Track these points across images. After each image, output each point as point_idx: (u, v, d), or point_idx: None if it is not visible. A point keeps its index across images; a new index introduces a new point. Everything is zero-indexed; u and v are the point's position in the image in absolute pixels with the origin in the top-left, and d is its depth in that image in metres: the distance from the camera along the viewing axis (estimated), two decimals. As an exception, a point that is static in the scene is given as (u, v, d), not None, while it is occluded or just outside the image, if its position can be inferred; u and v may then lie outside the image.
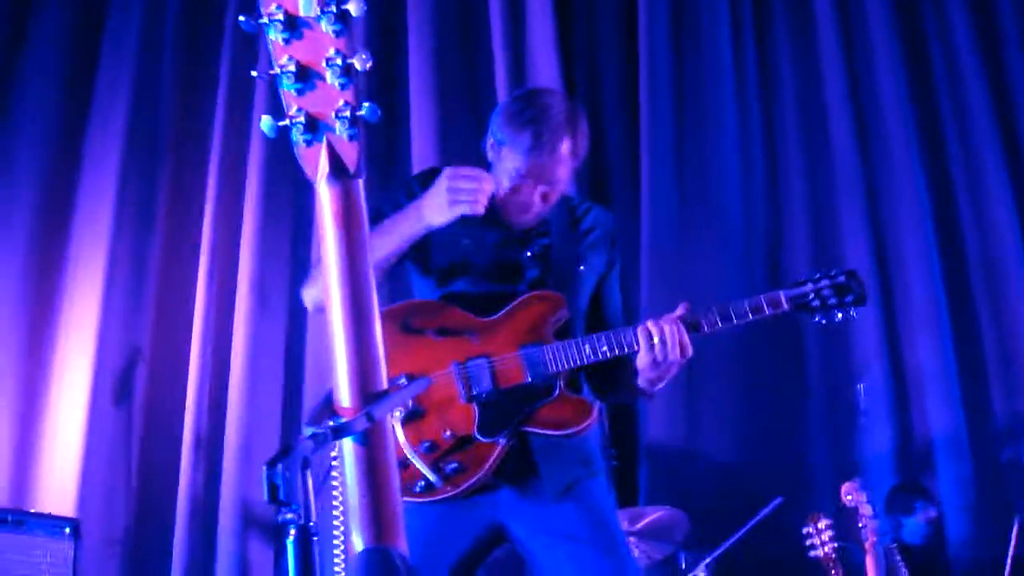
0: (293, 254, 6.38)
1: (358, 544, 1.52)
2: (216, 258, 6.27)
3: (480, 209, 2.71)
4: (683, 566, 5.25)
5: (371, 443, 1.54)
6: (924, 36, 7.13)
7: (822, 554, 4.81)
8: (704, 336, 2.87)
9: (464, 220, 2.88)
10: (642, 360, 2.75)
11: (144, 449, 6.05)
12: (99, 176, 6.34)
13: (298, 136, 1.53)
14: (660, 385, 2.87)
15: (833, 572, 4.77)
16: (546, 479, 2.85)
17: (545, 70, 6.47)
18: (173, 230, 6.40)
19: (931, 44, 7.12)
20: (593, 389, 3.10)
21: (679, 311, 2.80)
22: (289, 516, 1.33)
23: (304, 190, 6.46)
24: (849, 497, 4.86)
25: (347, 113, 1.50)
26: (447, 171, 2.76)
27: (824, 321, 2.86)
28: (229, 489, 5.83)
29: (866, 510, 4.81)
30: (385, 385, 1.59)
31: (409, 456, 2.71)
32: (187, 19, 6.77)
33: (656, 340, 2.73)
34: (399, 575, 1.45)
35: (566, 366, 2.77)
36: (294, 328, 6.27)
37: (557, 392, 2.79)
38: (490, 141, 2.95)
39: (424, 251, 2.95)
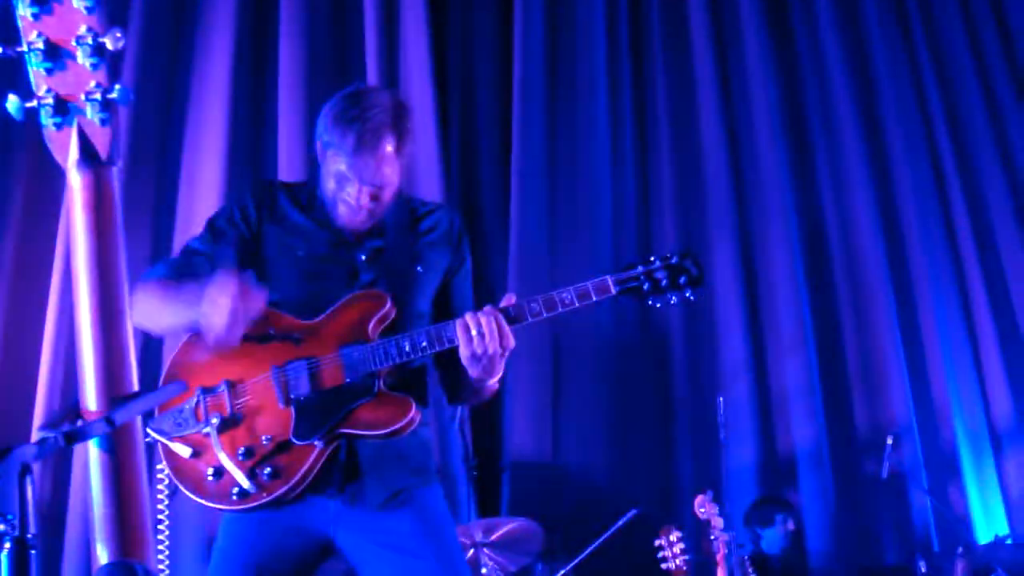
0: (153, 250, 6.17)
1: (102, 557, 1.42)
2: (70, 262, 6.03)
3: (232, 338, 2.58)
4: (540, 578, 5.20)
5: (117, 450, 1.45)
6: (796, 53, 7.25)
7: (673, 567, 4.80)
8: (533, 326, 2.76)
9: (295, 228, 2.85)
10: (463, 354, 2.66)
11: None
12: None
13: (47, 119, 1.42)
14: (491, 381, 2.77)
15: (683, 584, 4.76)
16: (370, 487, 2.76)
17: (417, 66, 6.41)
18: (28, 230, 6.15)
19: (802, 57, 7.24)
20: (444, 391, 3.02)
21: (502, 302, 2.72)
22: (1, 527, 1.22)
23: (164, 194, 6.29)
24: (702, 510, 4.86)
25: (98, 96, 1.40)
26: (210, 288, 2.58)
27: (659, 305, 2.74)
28: (77, 499, 5.63)
29: (717, 522, 4.81)
30: (136, 387, 1.50)
31: (224, 463, 2.60)
32: None
33: (474, 332, 2.64)
34: None
35: (385, 364, 2.67)
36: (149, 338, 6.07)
37: (376, 391, 2.68)
38: (318, 144, 2.86)
39: (259, 265, 2.86)
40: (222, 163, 6.13)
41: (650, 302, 2.74)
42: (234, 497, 2.62)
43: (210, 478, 2.63)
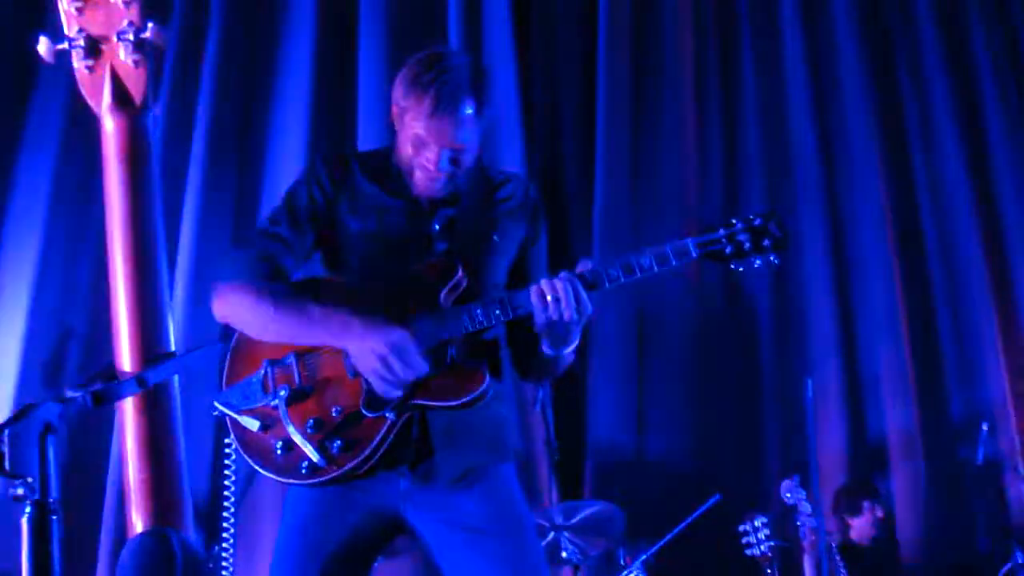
0: (235, 233, 6.20)
1: (136, 526, 1.34)
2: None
3: (394, 394, 2.57)
4: (622, 562, 5.09)
5: (151, 413, 1.37)
6: (890, 39, 7.01)
7: (758, 553, 4.66)
8: (606, 293, 2.64)
9: (369, 199, 2.78)
10: (537, 321, 2.57)
11: (72, 432, 5.85)
12: (36, 153, 6.14)
13: (78, 61, 1.35)
14: (567, 350, 2.69)
15: (768, 571, 4.62)
16: (442, 463, 2.67)
17: (499, 34, 6.35)
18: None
19: (896, 40, 7.00)
20: (514, 367, 2.93)
21: (578, 268, 2.61)
22: (20, 491, 1.13)
23: (248, 163, 6.30)
24: (788, 495, 4.71)
25: (131, 35, 1.32)
26: (396, 340, 2.54)
27: (741, 268, 2.62)
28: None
29: (805, 508, 4.65)
30: (173, 347, 1.42)
31: (292, 435, 2.55)
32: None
33: (549, 298, 2.54)
34: (177, 563, 1.27)
35: (458, 332, 2.60)
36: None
37: (448, 361, 2.60)
38: (393, 109, 2.79)
39: (332, 241, 2.82)
40: (304, 138, 6.15)
41: (732, 266, 2.62)
42: (303, 471, 2.57)
43: (278, 451, 2.59)
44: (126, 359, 1.43)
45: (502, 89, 6.16)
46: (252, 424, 2.59)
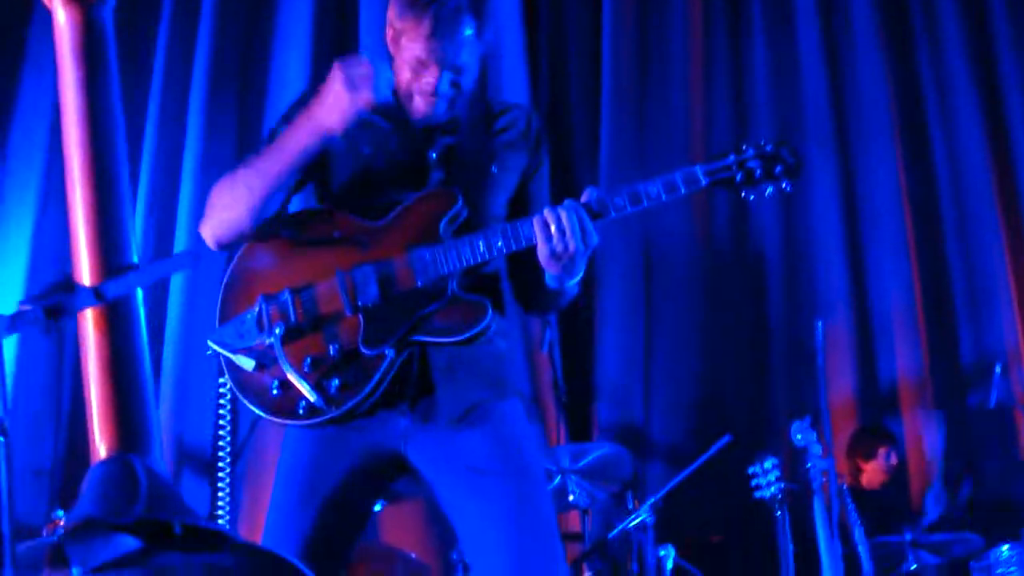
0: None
1: (100, 451, 1.27)
2: (156, 185, 6.02)
3: (378, 96, 2.47)
4: (630, 506, 5.05)
5: (113, 331, 1.30)
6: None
7: (767, 495, 4.61)
8: (617, 222, 2.57)
9: (364, 125, 2.63)
10: (541, 252, 2.48)
11: (76, 378, 5.82)
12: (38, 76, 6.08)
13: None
14: (571, 281, 2.59)
15: (778, 514, 4.57)
16: (443, 401, 2.59)
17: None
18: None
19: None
20: (516, 298, 2.83)
21: (583, 197, 2.51)
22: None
23: (248, 129, 6.23)
24: (799, 436, 4.63)
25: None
26: (337, 65, 2.50)
27: (752, 197, 2.54)
28: (164, 422, 5.62)
29: (815, 450, 4.59)
30: (136, 260, 1.34)
31: (289, 375, 2.46)
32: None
33: (554, 228, 2.45)
34: (141, 490, 1.21)
35: (458, 265, 2.51)
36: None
37: (449, 295, 2.52)
38: (389, 33, 2.68)
39: (323, 169, 2.71)
40: (305, 76, 6.10)
41: (743, 194, 2.53)
42: (300, 411, 2.49)
43: (275, 391, 2.50)
44: (85, 272, 1.36)
45: (505, 15, 6.07)
46: (247, 364, 2.51)
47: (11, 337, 1.23)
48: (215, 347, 2.54)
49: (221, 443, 3.19)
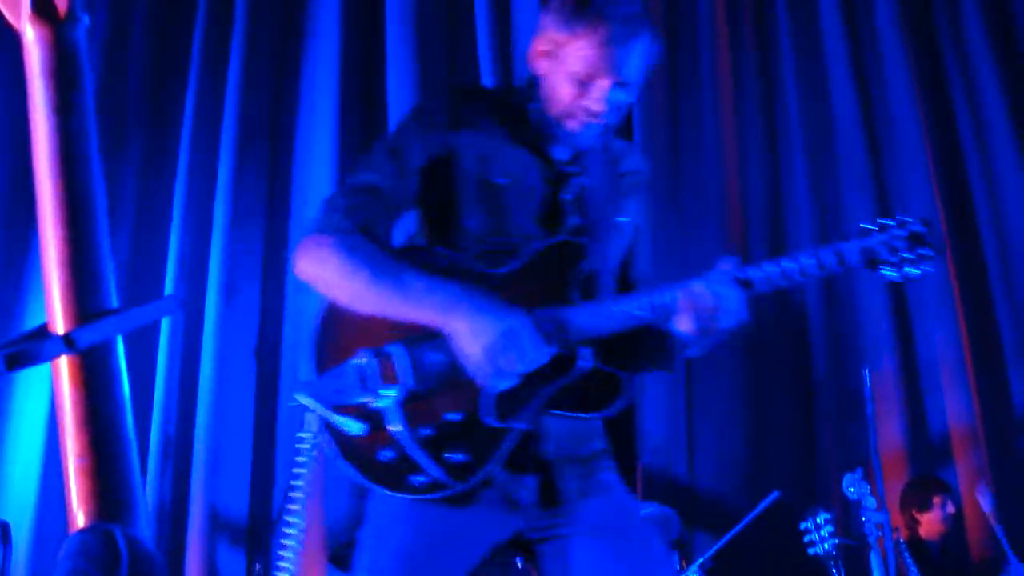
0: (266, 247, 6.10)
1: (78, 519, 1.16)
2: (185, 250, 5.97)
3: (497, 387, 2.21)
4: (678, 567, 4.89)
5: (90, 385, 1.18)
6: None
7: (822, 551, 4.44)
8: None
9: (496, 148, 2.41)
10: (687, 328, 2.23)
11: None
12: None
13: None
14: (698, 354, 2.40)
15: (834, 571, 4.40)
16: (568, 473, 2.36)
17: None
18: (140, 225, 6.08)
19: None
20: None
21: (726, 266, 2.25)
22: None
23: (277, 180, 6.21)
24: (851, 489, 4.47)
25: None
26: (511, 327, 2.18)
27: (899, 278, 2.29)
28: (195, 490, 5.52)
29: (869, 503, 4.42)
30: (115, 304, 1.23)
31: (405, 444, 2.20)
32: None
33: (707, 305, 2.21)
34: (123, 564, 1.09)
35: (594, 334, 2.26)
36: (267, 323, 5.97)
37: (586, 365, 2.26)
38: (543, 47, 2.43)
39: (446, 187, 2.40)
40: (333, 134, 6.05)
41: (888, 274, 2.27)
42: (416, 485, 2.21)
43: (385, 460, 2.22)
44: (58, 318, 1.25)
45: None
46: (354, 427, 2.21)
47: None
48: (308, 401, 2.24)
49: (292, 505, 2.80)
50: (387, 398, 2.20)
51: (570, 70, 2.38)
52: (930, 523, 5.56)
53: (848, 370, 5.95)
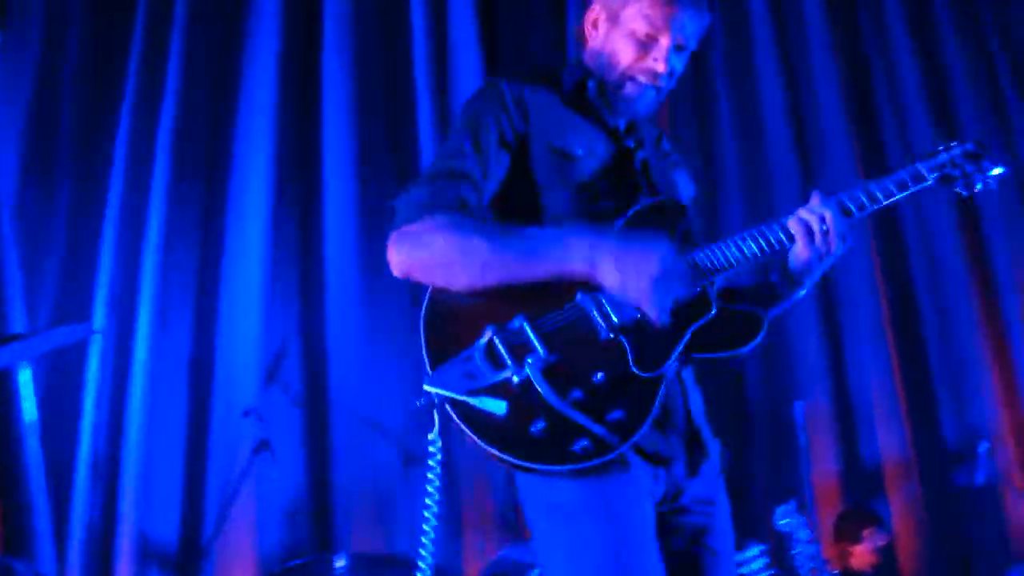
0: (200, 265, 6.00)
1: None
2: (117, 268, 5.85)
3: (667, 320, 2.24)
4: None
5: None
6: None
7: (754, 584, 4.45)
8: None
9: (566, 124, 2.46)
10: (802, 256, 2.37)
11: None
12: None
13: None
14: (804, 292, 2.52)
15: (766, 603, 4.41)
16: (707, 438, 2.46)
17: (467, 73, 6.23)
18: (71, 241, 5.95)
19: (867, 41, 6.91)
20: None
21: (814, 199, 2.38)
22: None
23: (214, 197, 6.13)
24: (784, 521, 4.48)
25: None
26: (667, 253, 2.24)
27: (966, 193, 2.49)
28: (125, 516, 5.41)
29: (802, 535, 4.44)
30: (20, 330, 1.20)
31: (559, 411, 2.15)
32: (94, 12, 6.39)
33: (816, 230, 2.34)
34: None
35: (713, 276, 2.32)
36: (201, 342, 5.87)
37: (715, 305, 2.31)
38: (598, 14, 2.54)
39: (527, 174, 2.42)
40: (270, 148, 6.02)
41: (958, 189, 2.49)
42: (579, 452, 2.14)
43: (536, 432, 2.14)
44: None
45: (468, 90, 6.03)
46: (496, 406, 2.15)
47: None
48: (440, 391, 2.17)
49: (427, 518, 2.59)
50: (525, 371, 2.16)
51: (631, 29, 2.46)
52: (861, 555, 5.59)
53: (781, 402, 5.98)
